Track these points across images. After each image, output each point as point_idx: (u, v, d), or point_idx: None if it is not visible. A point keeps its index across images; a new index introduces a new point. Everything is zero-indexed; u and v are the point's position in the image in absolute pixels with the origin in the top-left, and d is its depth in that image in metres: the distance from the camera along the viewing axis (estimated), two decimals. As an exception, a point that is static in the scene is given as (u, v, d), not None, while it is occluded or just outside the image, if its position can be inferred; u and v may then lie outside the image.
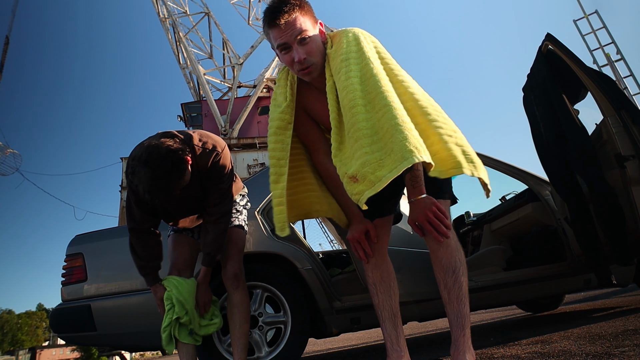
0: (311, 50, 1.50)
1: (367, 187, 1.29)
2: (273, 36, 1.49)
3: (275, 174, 1.60)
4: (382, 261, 1.64)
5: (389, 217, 1.73)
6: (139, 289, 2.34)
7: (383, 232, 1.67)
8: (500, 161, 3.02)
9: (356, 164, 1.33)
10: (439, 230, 1.39)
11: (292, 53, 1.49)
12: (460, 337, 1.46)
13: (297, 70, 1.54)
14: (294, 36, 1.46)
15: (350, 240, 1.62)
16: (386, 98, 1.34)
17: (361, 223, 1.62)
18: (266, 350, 2.28)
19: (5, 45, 13.13)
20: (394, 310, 1.61)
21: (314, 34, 1.52)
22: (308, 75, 1.55)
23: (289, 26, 1.45)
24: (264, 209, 2.53)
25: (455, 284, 1.47)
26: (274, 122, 1.61)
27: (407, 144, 1.24)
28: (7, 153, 13.18)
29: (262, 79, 15.26)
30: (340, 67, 1.44)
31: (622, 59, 7.74)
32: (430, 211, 1.37)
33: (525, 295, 2.90)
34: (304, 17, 1.49)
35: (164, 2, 15.98)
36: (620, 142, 2.48)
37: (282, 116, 1.60)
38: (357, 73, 1.42)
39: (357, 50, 1.46)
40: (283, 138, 1.60)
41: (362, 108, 1.36)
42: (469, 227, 4.23)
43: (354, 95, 1.38)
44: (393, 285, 1.64)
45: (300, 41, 1.48)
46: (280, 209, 1.58)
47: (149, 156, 1.63)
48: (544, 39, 2.73)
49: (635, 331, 1.90)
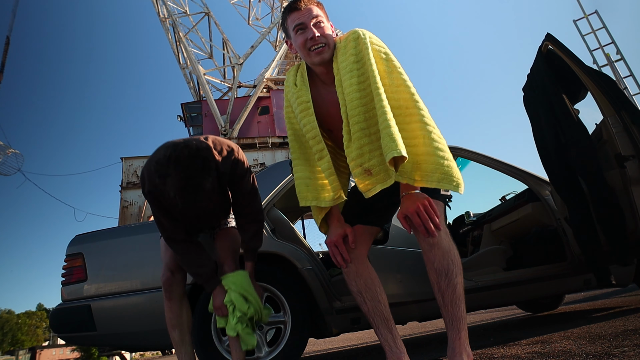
0: (324, 33, 1.59)
1: (380, 182, 1.43)
2: (291, 19, 1.60)
3: (317, 151, 1.63)
4: (363, 269, 1.64)
5: (372, 229, 1.72)
6: (139, 289, 2.34)
7: (363, 239, 1.67)
8: (500, 161, 3.02)
9: (373, 159, 1.45)
10: (426, 226, 1.40)
11: (306, 33, 1.58)
12: (456, 339, 1.45)
13: (309, 48, 1.58)
14: (310, 18, 1.58)
15: (328, 244, 1.63)
16: (381, 101, 1.44)
17: (340, 227, 1.63)
18: (266, 350, 2.28)
19: (6, 45, 13.14)
20: (385, 314, 1.61)
21: (327, 24, 1.63)
22: (319, 55, 1.59)
23: (307, 9, 1.59)
24: (264, 209, 2.53)
25: (448, 286, 1.46)
26: (299, 106, 1.66)
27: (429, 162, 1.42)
28: (9, 153, 13.19)
29: (262, 79, 15.27)
30: (352, 68, 1.52)
31: (622, 59, 7.74)
32: (422, 204, 1.41)
33: (525, 295, 2.90)
34: (320, 9, 1.63)
35: (164, 2, 15.99)
36: (620, 142, 2.48)
37: (301, 99, 1.66)
38: (361, 73, 1.51)
39: (363, 51, 1.54)
40: (309, 118, 1.63)
41: (361, 108, 1.49)
42: (469, 227, 4.22)
43: (355, 95, 1.49)
44: (380, 291, 1.63)
45: (315, 24, 1.59)
46: (332, 178, 1.60)
47: (180, 154, 1.57)
48: (544, 39, 2.73)
49: (635, 331, 1.90)
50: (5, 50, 13.08)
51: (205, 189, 1.64)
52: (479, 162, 3.05)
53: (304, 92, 1.66)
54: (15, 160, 13.34)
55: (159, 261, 2.23)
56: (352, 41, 1.56)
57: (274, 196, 2.61)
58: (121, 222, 11.73)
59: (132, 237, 2.58)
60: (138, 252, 2.47)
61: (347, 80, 1.52)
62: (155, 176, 1.62)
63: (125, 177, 12.49)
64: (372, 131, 1.47)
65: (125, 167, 12.59)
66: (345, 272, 1.65)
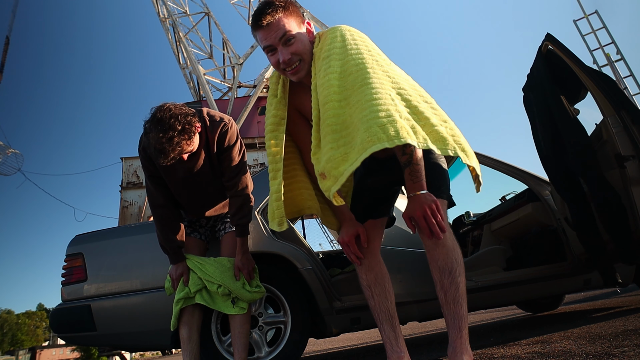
0: (297, 50, 1.51)
1: (333, 183, 1.30)
2: (259, 38, 1.52)
3: (272, 170, 1.61)
4: (375, 263, 1.64)
5: (382, 220, 1.72)
6: (139, 289, 2.34)
7: (375, 234, 1.67)
8: (500, 161, 3.02)
9: (323, 160, 1.34)
10: (432, 229, 1.38)
11: (277, 55, 1.52)
12: (458, 338, 1.44)
13: (282, 71, 1.56)
14: (277, 37, 1.48)
15: (341, 244, 1.63)
16: (364, 92, 1.31)
17: (352, 226, 1.62)
18: (266, 350, 2.28)
19: (6, 45, 13.13)
20: (390, 311, 1.60)
21: (299, 33, 1.53)
22: (294, 75, 1.56)
23: (272, 27, 1.48)
24: (264, 209, 2.53)
25: (452, 285, 1.45)
26: (269, 120, 1.64)
27: (370, 133, 1.22)
28: (9, 153, 13.17)
29: (262, 79, 15.25)
30: (321, 65, 1.46)
31: (622, 59, 7.75)
32: (429, 208, 1.37)
33: (525, 295, 2.90)
34: (288, 18, 1.50)
35: (164, 2, 15.98)
36: (620, 142, 2.48)
37: (275, 112, 1.63)
38: (337, 69, 1.41)
39: (341, 46, 1.46)
40: (277, 134, 1.61)
41: (335, 104, 1.37)
42: (469, 227, 4.22)
43: (329, 91, 1.39)
44: (388, 287, 1.63)
45: (284, 42, 1.50)
46: (278, 204, 1.58)
47: (162, 115, 1.74)
48: (544, 39, 2.73)
49: (635, 331, 1.90)
50: (5, 50, 13.06)
51: (182, 149, 1.77)
52: (478, 162, 3.04)
53: (280, 107, 1.63)
54: (15, 160, 13.32)
55: (159, 261, 2.24)
56: (328, 40, 1.49)
57: (274, 196, 2.61)
58: (121, 222, 11.72)
59: (132, 237, 2.58)
60: (138, 252, 2.47)
61: (319, 79, 1.45)
62: (143, 133, 1.81)
63: (125, 177, 12.48)
64: (340, 127, 1.35)
65: (125, 167, 12.58)
66: (358, 267, 1.65)
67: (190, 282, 2.02)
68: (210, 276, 2.01)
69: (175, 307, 2.00)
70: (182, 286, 2.02)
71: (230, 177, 2.02)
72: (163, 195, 2.03)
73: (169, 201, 2.05)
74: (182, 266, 2.04)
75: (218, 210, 2.17)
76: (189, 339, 2.02)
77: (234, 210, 2.03)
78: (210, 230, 2.28)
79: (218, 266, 2.03)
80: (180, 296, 2.00)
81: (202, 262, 2.05)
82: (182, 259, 2.06)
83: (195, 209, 2.14)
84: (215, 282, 2.00)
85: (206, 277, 2.01)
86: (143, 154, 1.96)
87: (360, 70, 1.37)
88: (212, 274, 2.01)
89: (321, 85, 1.43)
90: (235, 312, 2.02)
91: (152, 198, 2.05)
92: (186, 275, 2.04)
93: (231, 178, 2.02)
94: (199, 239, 2.19)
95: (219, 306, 2.03)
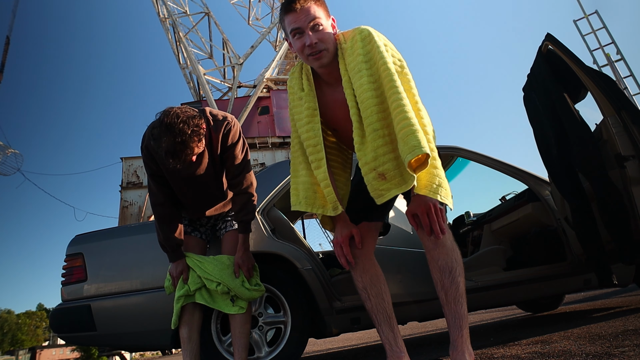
0: (323, 38, 1.56)
1: (395, 186, 1.41)
2: (288, 21, 1.57)
3: (315, 160, 1.61)
4: (369, 265, 1.65)
5: (377, 224, 1.74)
6: (139, 289, 2.34)
7: (369, 236, 1.69)
8: (500, 161, 3.02)
9: (387, 162, 1.42)
10: (433, 227, 1.44)
11: (304, 38, 1.55)
12: (459, 337, 1.46)
13: (307, 55, 1.57)
14: (307, 21, 1.54)
15: (334, 244, 1.64)
16: (399, 100, 1.40)
17: (346, 227, 1.63)
18: (266, 350, 2.28)
19: (6, 45, 13.14)
20: (388, 312, 1.61)
21: (327, 24, 1.59)
22: (318, 61, 1.58)
23: (303, 11, 1.54)
24: (264, 209, 2.53)
25: (452, 284, 1.47)
26: (303, 112, 1.65)
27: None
28: (9, 153, 13.18)
29: (262, 79, 15.26)
30: (361, 68, 1.50)
31: (622, 59, 7.74)
32: (433, 205, 1.44)
33: (525, 295, 2.90)
34: (319, 7, 1.57)
35: (164, 2, 15.98)
36: (620, 142, 2.48)
37: (308, 104, 1.65)
38: (371, 73, 1.48)
39: (374, 50, 1.52)
40: (313, 125, 1.63)
41: (375, 108, 1.45)
42: (469, 227, 4.22)
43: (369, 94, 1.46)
44: (384, 288, 1.64)
45: (312, 27, 1.54)
46: (328, 190, 1.57)
47: (171, 120, 1.75)
48: (544, 39, 2.73)
49: (635, 331, 1.90)
50: (5, 50, 13.07)
51: (192, 152, 1.80)
52: (478, 162, 3.05)
53: (311, 99, 1.65)
54: (14, 160, 13.33)
55: (158, 261, 2.24)
56: (359, 41, 1.54)
57: (274, 196, 2.61)
58: (121, 222, 11.72)
59: (132, 237, 2.58)
60: (138, 252, 2.47)
61: (357, 81, 1.50)
62: (150, 139, 1.83)
63: (125, 177, 12.48)
64: (386, 132, 1.44)
65: (125, 167, 12.59)
66: (353, 270, 1.66)
67: (190, 280, 2.02)
68: (209, 274, 2.02)
69: (176, 305, 2.01)
70: (182, 284, 2.03)
71: (234, 175, 2.04)
72: (164, 194, 2.04)
73: (170, 200, 2.06)
74: (182, 264, 2.06)
75: (219, 209, 2.18)
76: (189, 339, 2.02)
77: (238, 207, 2.04)
78: (211, 230, 2.28)
79: (217, 264, 2.04)
80: (180, 294, 2.01)
81: (201, 261, 2.06)
82: (181, 257, 2.07)
83: (197, 208, 2.14)
84: (214, 279, 2.01)
85: (205, 275, 2.02)
86: (145, 152, 1.97)
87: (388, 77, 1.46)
88: (211, 271, 2.02)
89: (360, 86, 1.49)
90: (235, 312, 2.02)
91: (153, 196, 2.06)
92: (186, 272, 2.05)
93: (235, 176, 2.04)
94: (200, 238, 2.20)
95: (219, 305, 2.04)
